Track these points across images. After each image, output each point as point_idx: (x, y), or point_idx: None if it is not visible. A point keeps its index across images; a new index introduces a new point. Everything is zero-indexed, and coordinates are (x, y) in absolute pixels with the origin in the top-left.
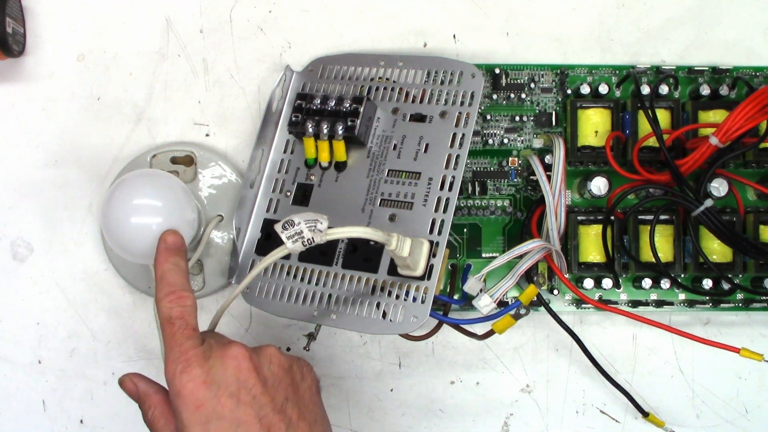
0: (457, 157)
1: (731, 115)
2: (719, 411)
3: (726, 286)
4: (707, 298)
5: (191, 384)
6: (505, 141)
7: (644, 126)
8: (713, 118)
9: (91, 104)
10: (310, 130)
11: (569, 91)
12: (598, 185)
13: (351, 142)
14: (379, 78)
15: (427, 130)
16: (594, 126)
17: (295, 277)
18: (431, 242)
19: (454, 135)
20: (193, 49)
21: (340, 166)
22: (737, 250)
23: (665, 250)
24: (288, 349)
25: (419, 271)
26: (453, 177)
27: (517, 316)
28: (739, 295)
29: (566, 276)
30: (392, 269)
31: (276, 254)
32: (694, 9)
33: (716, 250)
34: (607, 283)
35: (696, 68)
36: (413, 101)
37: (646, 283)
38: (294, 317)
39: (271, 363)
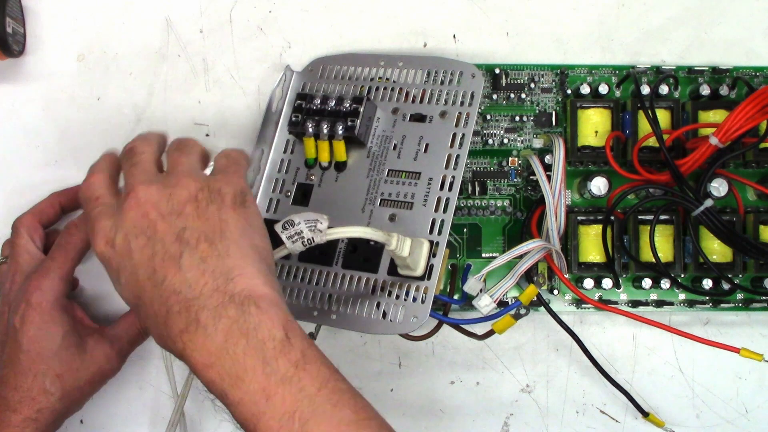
0: (457, 157)
1: (731, 115)
2: (719, 411)
3: (726, 286)
4: (707, 298)
5: (99, 246)
6: (505, 141)
7: (644, 126)
8: (713, 118)
9: (91, 104)
10: (310, 130)
11: (569, 91)
12: (598, 185)
13: (351, 142)
14: (379, 78)
15: (427, 130)
16: (594, 126)
17: (295, 277)
18: (431, 242)
19: (454, 135)
20: (193, 49)
21: (340, 166)
22: (737, 250)
23: (665, 250)
24: None
25: (419, 271)
26: (453, 177)
27: (517, 316)
28: (739, 295)
29: (566, 276)
30: (392, 269)
31: (276, 254)
32: (694, 9)
33: (716, 250)
34: (607, 283)
35: (696, 68)
36: (413, 101)
37: (646, 283)
38: (294, 317)
39: (171, 198)
